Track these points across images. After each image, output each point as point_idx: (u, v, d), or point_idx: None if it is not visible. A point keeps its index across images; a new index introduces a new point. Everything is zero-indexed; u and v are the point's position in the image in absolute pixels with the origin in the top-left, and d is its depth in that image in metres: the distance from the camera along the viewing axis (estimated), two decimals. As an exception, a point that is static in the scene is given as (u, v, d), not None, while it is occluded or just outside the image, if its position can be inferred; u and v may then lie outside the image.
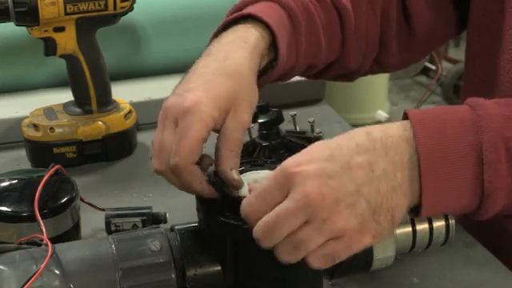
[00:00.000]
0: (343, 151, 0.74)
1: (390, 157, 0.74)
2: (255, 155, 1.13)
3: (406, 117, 0.77)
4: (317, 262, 0.73)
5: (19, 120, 1.31)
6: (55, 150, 1.25)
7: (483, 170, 0.74)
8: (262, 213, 0.73)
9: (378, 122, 3.21)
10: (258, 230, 0.73)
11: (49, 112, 1.29)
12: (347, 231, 0.72)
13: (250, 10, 0.95)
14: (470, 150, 0.74)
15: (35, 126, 1.26)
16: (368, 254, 0.80)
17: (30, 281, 0.71)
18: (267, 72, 0.96)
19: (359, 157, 0.73)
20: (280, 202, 0.72)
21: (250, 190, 0.77)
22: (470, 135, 0.75)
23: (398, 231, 0.81)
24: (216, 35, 0.96)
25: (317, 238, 0.72)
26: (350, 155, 0.73)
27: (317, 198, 0.71)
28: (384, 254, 0.81)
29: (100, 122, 1.27)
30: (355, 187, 0.72)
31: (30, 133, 1.26)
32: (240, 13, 0.96)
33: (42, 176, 0.96)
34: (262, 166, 0.85)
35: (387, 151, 0.74)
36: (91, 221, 1.08)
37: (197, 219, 0.81)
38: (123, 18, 1.26)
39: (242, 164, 0.85)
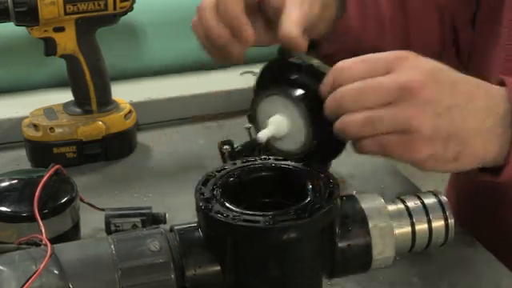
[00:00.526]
0: (451, 71, 0.76)
1: (487, 100, 0.75)
2: (255, 155, 1.14)
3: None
4: (370, 147, 0.74)
5: (19, 120, 1.31)
6: (55, 150, 1.25)
7: None
8: (356, 78, 0.73)
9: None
10: (343, 90, 0.73)
11: (49, 112, 1.29)
12: (416, 132, 0.72)
13: None
14: None
15: (35, 126, 1.26)
16: (367, 253, 0.80)
17: (30, 281, 0.71)
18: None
19: (465, 84, 0.75)
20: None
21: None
22: None
23: (398, 231, 0.81)
24: None
25: (389, 123, 0.72)
26: (458, 77, 0.76)
27: (413, 88, 0.72)
28: (383, 254, 0.80)
29: (100, 122, 1.27)
30: (450, 103, 0.73)
31: (30, 133, 1.26)
32: None
33: (42, 176, 0.96)
34: (262, 166, 0.85)
35: (487, 95, 0.76)
36: (91, 221, 1.08)
37: (197, 219, 0.81)
38: (123, 18, 1.26)
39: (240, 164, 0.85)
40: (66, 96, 1.31)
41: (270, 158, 0.86)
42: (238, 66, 1.53)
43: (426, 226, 0.82)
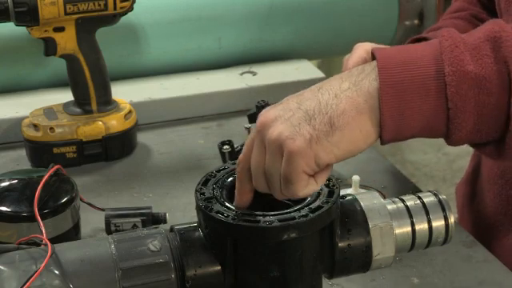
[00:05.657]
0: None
1: (341, 75, 0.77)
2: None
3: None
4: (280, 191, 0.75)
5: (19, 120, 1.31)
6: (55, 150, 1.25)
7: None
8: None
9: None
10: (238, 170, 0.78)
11: (49, 112, 1.29)
12: (282, 141, 0.73)
13: None
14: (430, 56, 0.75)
15: (35, 126, 1.26)
16: (367, 253, 0.80)
17: (30, 281, 0.71)
18: None
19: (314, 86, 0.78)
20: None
21: None
22: (430, 44, 0.77)
23: (398, 231, 0.81)
24: None
25: (272, 161, 0.74)
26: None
27: (261, 121, 0.76)
28: (383, 254, 0.80)
29: (100, 122, 1.27)
30: (297, 104, 0.76)
31: (30, 133, 1.26)
32: None
33: (42, 176, 0.96)
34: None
35: (342, 76, 0.77)
36: (91, 221, 1.08)
37: (197, 219, 0.81)
38: (123, 18, 1.26)
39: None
40: (66, 96, 1.31)
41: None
42: (238, 65, 1.54)
43: (426, 225, 0.82)
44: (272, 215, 0.76)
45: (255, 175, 0.76)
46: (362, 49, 1.02)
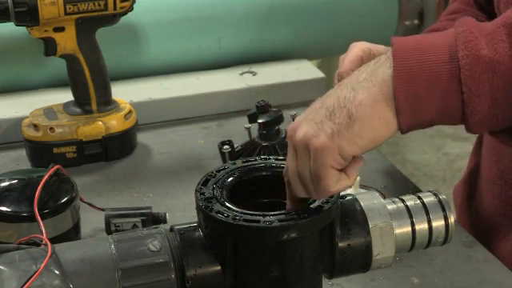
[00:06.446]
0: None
1: (359, 69, 0.79)
2: (255, 155, 1.14)
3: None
4: (314, 191, 0.76)
5: (19, 120, 1.31)
6: (55, 150, 1.25)
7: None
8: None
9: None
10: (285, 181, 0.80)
11: (49, 112, 1.29)
12: (308, 140, 0.75)
13: None
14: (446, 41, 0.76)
15: (35, 126, 1.26)
16: (367, 253, 0.80)
17: (30, 281, 0.71)
18: None
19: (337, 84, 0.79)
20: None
21: None
22: (446, 32, 0.78)
23: (398, 231, 0.81)
24: None
25: (302, 162, 0.76)
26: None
27: (290, 128, 0.78)
28: (383, 254, 0.80)
29: (100, 122, 1.27)
30: (320, 104, 0.78)
31: (30, 133, 1.26)
32: None
33: (42, 176, 0.96)
34: (262, 166, 0.85)
35: (360, 69, 0.79)
36: (91, 221, 1.08)
37: (197, 219, 0.81)
38: (123, 18, 1.26)
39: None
40: (66, 96, 1.31)
41: (270, 158, 0.86)
42: (238, 65, 1.54)
43: (426, 225, 0.82)
44: (272, 215, 0.76)
45: (292, 181, 0.78)
46: (358, 48, 1.03)
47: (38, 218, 0.86)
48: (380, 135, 0.76)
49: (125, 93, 1.38)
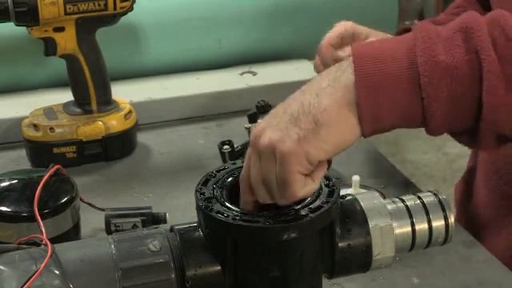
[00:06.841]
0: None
1: (321, 75, 0.79)
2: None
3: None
4: (280, 196, 0.76)
5: (19, 120, 1.31)
6: (55, 150, 1.25)
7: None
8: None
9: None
10: (241, 188, 0.79)
11: (49, 112, 1.29)
12: (274, 145, 0.75)
13: None
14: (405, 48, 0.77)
15: (35, 126, 1.26)
16: (367, 253, 0.80)
17: (30, 281, 0.71)
18: None
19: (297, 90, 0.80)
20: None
21: None
22: (405, 37, 0.80)
23: (398, 231, 0.81)
24: None
25: (267, 168, 0.76)
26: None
27: (253, 134, 0.78)
28: (383, 254, 0.80)
29: (100, 122, 1.27)
30: (283, 110, 0.78)
31: (30, 133, 1.26)
32: None
33: (42, 176, 0.96)
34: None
35: (321, 75, 0.79)
36: (91, 221, 1.08)
37: (197, 219, 0.81)
38: (123, 18, 1.26)
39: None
40: (66, 96, 1.31)
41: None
42: (238, 65, 1.54)
43: (426, 225, 0.82)
44: (272, 215, 0.76)
45: (255, 187, 0.78)
46: (342, 26, 1.07)
47: (38, 218, 0.86)
48: (345, 140, 0.76)
49: (125, 93, 1.38)
